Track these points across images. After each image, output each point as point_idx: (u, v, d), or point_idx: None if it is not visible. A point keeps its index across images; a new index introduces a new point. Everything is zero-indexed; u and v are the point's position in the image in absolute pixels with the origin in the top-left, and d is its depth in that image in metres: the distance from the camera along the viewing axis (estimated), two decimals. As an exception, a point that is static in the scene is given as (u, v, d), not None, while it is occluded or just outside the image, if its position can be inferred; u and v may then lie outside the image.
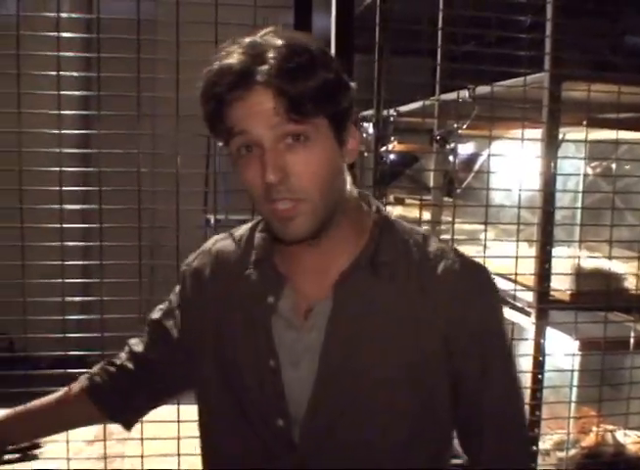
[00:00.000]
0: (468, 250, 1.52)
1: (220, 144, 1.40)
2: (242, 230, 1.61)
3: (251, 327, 1.46)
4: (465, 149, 3.83)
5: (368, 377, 1.39)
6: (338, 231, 1.41)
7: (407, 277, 1.42)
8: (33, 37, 2.39)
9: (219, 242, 1.63)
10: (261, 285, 1.47)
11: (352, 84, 1.37)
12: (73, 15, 2.61)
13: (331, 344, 1.39)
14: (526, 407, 1.62)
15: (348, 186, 1.44)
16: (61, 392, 1.75)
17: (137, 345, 1.73)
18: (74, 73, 2.43)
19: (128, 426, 1.77)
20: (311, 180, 1.30)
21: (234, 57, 1.29)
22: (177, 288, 1.67)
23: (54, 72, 2.34)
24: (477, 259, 1.53)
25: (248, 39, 1.31)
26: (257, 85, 1.26)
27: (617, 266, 3.11)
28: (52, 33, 2.35)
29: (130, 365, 1.71)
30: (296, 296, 1.45)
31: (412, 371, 1.40)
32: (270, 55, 1.27)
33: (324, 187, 1.32)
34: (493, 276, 1.51)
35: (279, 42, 1.28)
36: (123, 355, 1.73)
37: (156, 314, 1.70)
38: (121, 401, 1.72)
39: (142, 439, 2.40)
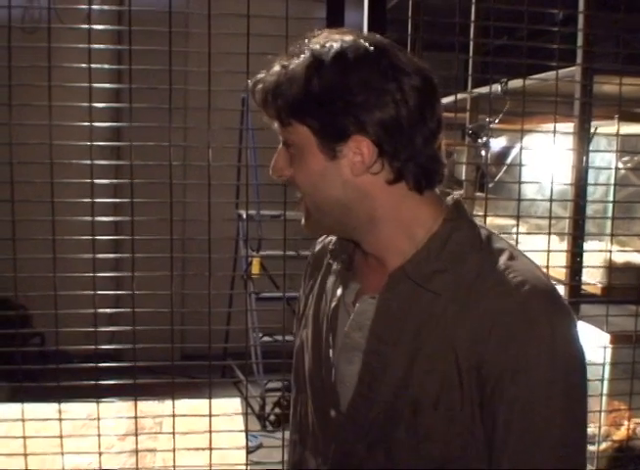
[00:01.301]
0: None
1: None
2: None
3: (322, 314, 1.44)
4: (497, 143, 3.69)
5: (399, 388, 1.28)
6: (377, 236, 1.33)
7: (456, 294, 1.26)
8: (66, 30, 2.26)
9: (325, 237, 1.59)
10: (337, 276, 1.45)
11: (362, 98, 1.23)
12: (105, 7, 2.47)
13: (372, 347, 1.31)
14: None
15: (388, 195, 1.30)
16: None
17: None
18: (105, 66, 2.29)
19: None
20: (297, 183, 1.33)
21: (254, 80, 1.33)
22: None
23: (85, 65, 2.21)
24: (547, 287, 1.27)
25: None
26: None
27: (648, 260, 2.96)
28: (84, 26, 2.22)
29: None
30: (358, 290, 1.39)
31: (438, 394, 1.24)
32: (266, 78, 1.30)
33: (309, 192, 1.32)
34: (566, 317, 1.25)
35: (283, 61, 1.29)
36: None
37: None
38: None
39: (173, 433, 2.30)
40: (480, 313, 1.22)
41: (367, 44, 1.25)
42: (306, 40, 1.28)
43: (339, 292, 1.40)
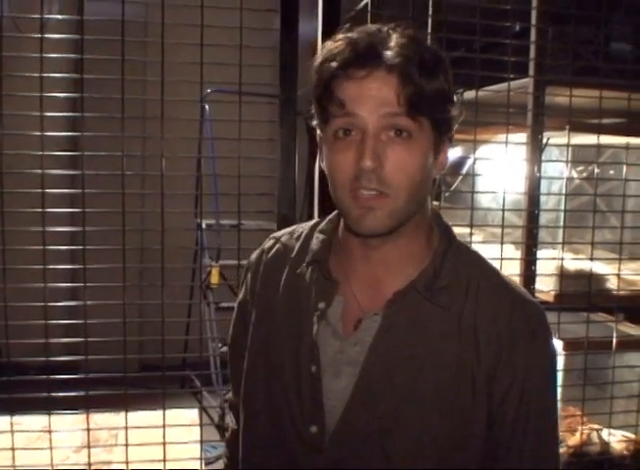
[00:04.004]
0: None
1: (314, 122, 1.29)
2: (303, 227, 1.48)
3: (298, 329, 1.34)
4: (453, 153, 3.63)
5: (404, 400, 1.26)
6: (404, 243, 1.30)
7: (462, 308, 1.27)
8: (28, 39, 2.17)
9: (279, 238, 1.49)
10: (313, 288, 1.36)
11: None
12: (58, 16, 2.38)
13: (373, 361, 1.27)
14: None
15: (429, 201, 1.34)
16: None
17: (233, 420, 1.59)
18: (57, 75, 2.20)
19: None
20: (402, 178, 1.20)
21: (355, 37, 1.19)
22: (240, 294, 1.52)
23: (37, 74, 2.12)
24: (534, 301, 1.35)
25: (368, 28, 1.22)
26: (380, 68, 1.17)
27: (599, 268, 2.97)
28: (36, 35, 2.12)
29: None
30: (345, 305, 1.33)
31: (449, 402, 1.25)
32: (397, 42, 1.18)
33: (411, 189, 1.22)
34: (546, 317, 1.34)
35: (406, 35, 1.20)
36: (230, 446, 1.61)
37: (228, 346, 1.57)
38: None
39: (127, 445, 2.19)
40: (490, 326, 1.26)
41: None
42: (395, 32, 1.20)
43: (321, 305, 1.32)
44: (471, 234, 2.68)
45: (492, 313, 1.26)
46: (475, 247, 2.70)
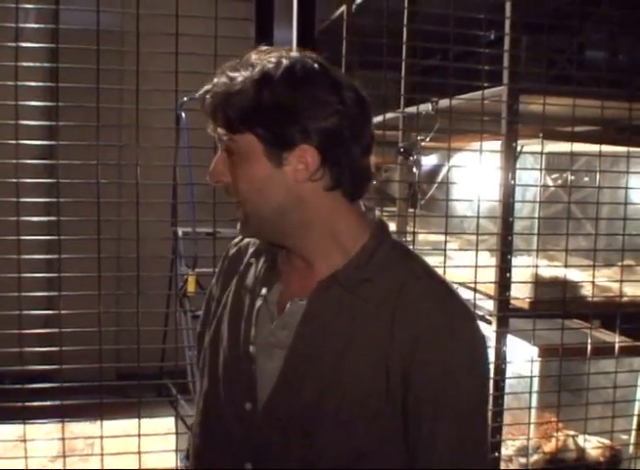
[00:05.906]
0: (431, 260, 1.41)
1: None
2: None
3: (242, 311, 1.46)
4: (428, 161, 3.67)
5: (325, 386, 1.34)
6: (309, 242, 1.39)
7: (383, 302, 1.34)
8: (0, 47, 2.20)
9: (241, 240, 1.63)
10: (259, 275, 1.48)
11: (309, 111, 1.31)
12: (34, 25, 2.40)
13: (298, 346, 1.36)
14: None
15: (323, 202, 1.37)
16: None
17: None
18: (33, 83, 2.22)
19: None
20: (238, 189, 1.36)
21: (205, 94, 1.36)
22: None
23: (12, 83, 2.14)
24: (463, 303, 1.40)
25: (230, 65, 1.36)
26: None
27: (574, 275, 3.01)
28: (12, 44, 2.14)
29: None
30: (283, 291, 1.44)
31: (366, 394, 1.32)
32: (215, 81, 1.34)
33: (253, 196, 1.35)
34: (476, 322, 1.39)
35: (229, 68, 1.34)
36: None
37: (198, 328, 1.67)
38: None
39: (102, 454, 2.20)
40: (407, 321, 1.31)
41: (311, 61, 1.33)
42: (253, 56, 1.34)
43: (263, 291, 1.44)
44: (446, 241, 2.72)
45: (413, 311, 1.31)
46: (450, 254, 2.77)
